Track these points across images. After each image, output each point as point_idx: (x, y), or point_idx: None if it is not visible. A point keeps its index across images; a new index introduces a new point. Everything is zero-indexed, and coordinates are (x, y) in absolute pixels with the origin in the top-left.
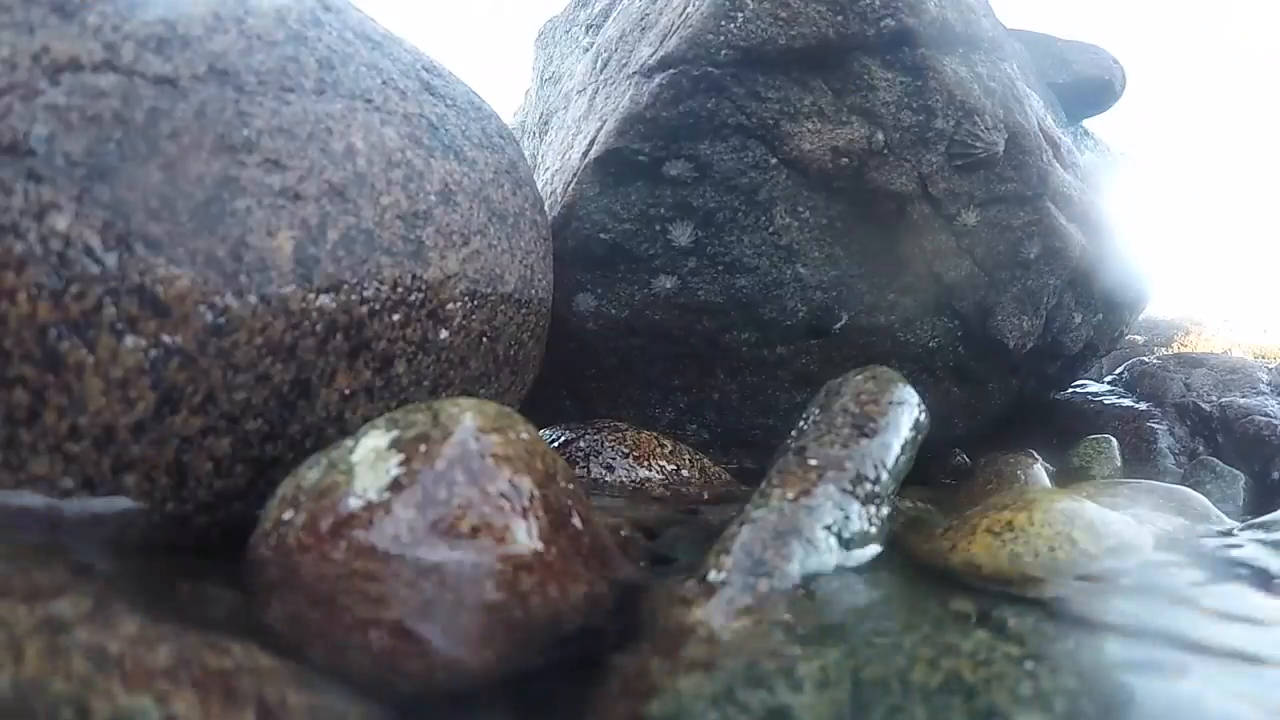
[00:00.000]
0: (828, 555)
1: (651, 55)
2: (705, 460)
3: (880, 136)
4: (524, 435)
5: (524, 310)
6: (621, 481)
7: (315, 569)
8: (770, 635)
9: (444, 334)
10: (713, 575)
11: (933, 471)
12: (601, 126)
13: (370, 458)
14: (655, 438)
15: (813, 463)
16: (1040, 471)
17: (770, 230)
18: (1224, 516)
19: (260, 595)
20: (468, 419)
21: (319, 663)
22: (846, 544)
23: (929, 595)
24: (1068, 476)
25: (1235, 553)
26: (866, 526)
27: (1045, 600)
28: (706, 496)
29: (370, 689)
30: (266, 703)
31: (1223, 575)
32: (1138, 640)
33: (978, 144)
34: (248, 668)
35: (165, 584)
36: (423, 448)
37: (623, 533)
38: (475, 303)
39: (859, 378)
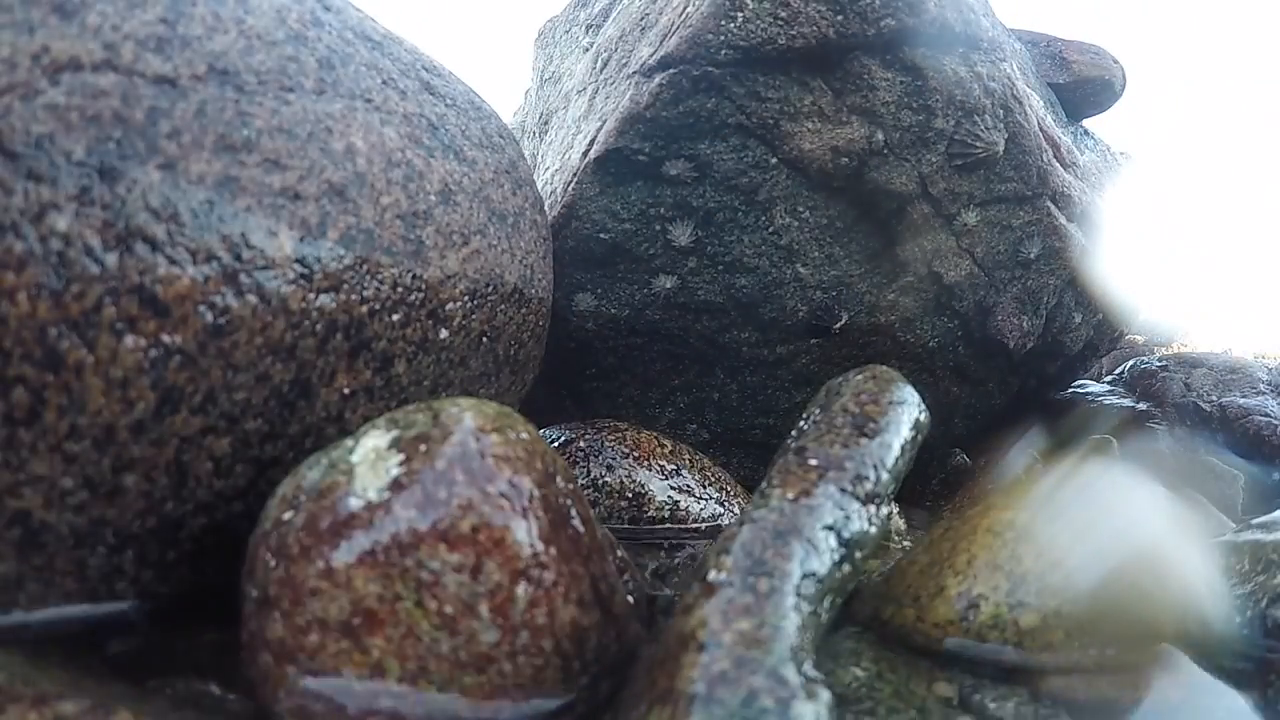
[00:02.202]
0: (827, 555)
1: (651, 55)
2: (705, 460)
3: (880, 136)
4: (524, 435)
5: (524, 310)
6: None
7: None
8: None
9: (444, 334)
10: (713, 575)
11: (932, 471)
12: (601, 126)
13: (370, 457)
14: (655, 437)
15: (813, 463)
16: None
17: (770, 230)
18: (1222, 517)
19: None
20: (468, 419)
21: None
22: (846, 544)
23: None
24: None
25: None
26: (866, 526)
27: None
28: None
29: None
30: None
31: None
32: None
33: (978, 144)
34: None
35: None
36: (423, 447)
37: (620, 552)
38: (475, 302)
39: (859, 377)
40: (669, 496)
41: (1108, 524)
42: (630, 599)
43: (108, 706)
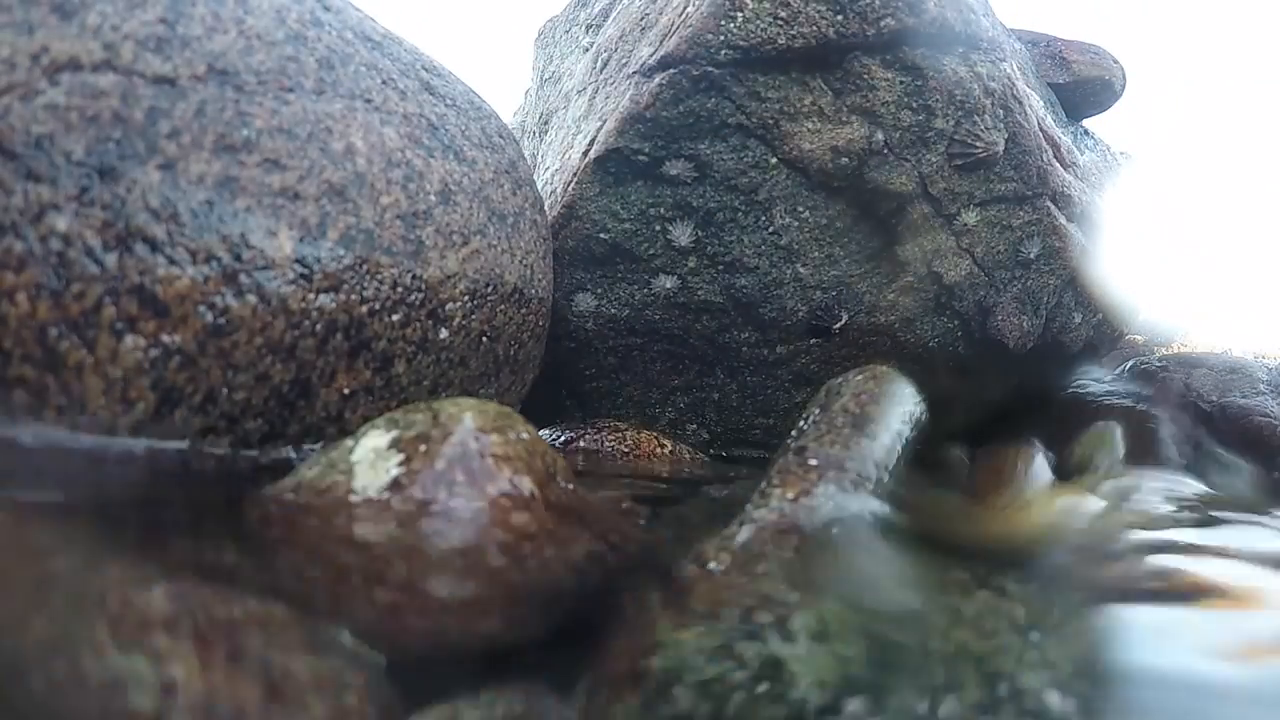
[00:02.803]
0: None
1: (651, 55)
2: (705, 460)
3: (880, 136)
4: (524, 435)
5: (524, 310)
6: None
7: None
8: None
9: (444, 334)
10: (713, 565)
11: (932, 461)
12: (601, 126)
13: (370, 457)
14: (655, 437)
15: (813, 463)
16: (1042, 462)
17: (770, 230)
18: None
19: (266, 550)
20: (467, 419)
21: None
22: None
23: (932, 560)
24: (1070, 467)
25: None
26: None
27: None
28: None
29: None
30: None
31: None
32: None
33: (978, 144)
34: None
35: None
36: (422, 447)
37: (624, 505)
38: (475, 302)
39: (859, 377)
40: None
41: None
42: None
43: (99, 563)
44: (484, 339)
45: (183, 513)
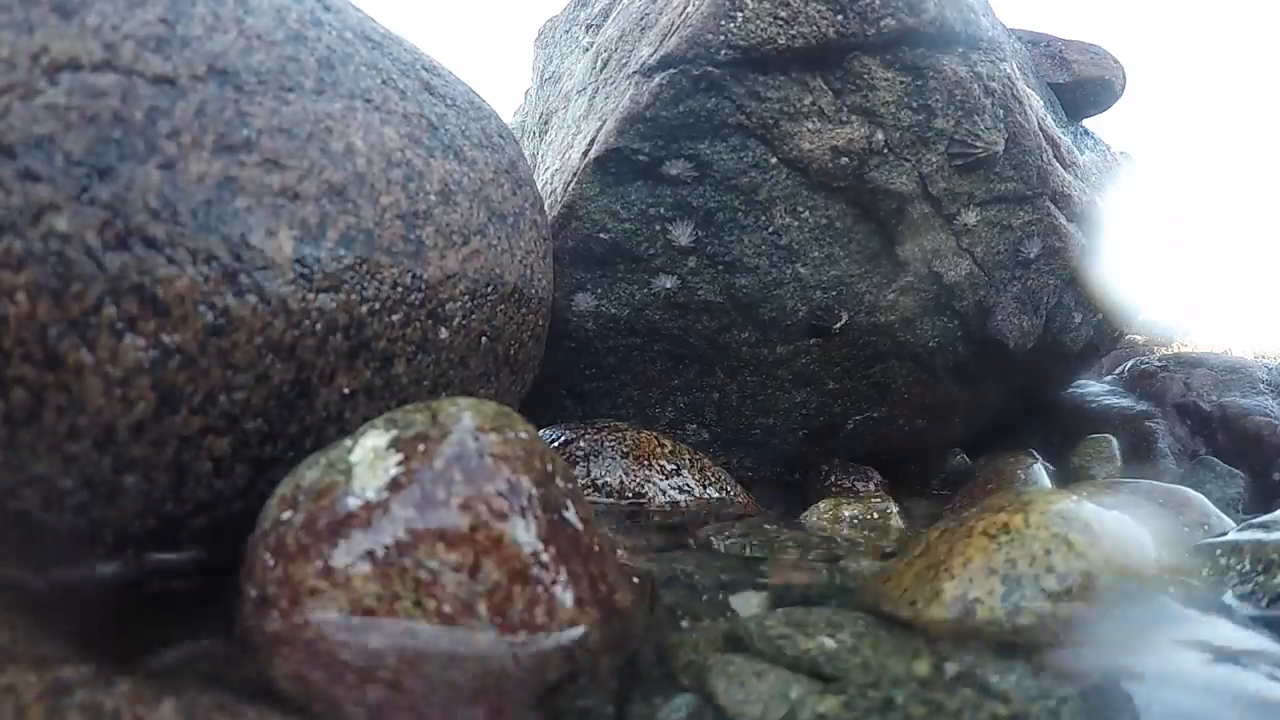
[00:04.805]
0: None
1: (652, 55)
2: (705, 460)
3: (880, 136)
4: (522, 434)
5: (524, 310)
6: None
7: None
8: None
9: (444, 334)
10: None
11: (932, 471)
12: (601, 126)
13: (369, 457)
14: (655, 437)
15: None
16: (1040, 471)
17: (770, 230)
18: (1223, 517)
19: (262, 654)
20: (466, 418)
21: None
22: None
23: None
24: (1067, 476)
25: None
26: None
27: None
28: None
29: None
30: None
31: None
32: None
33: (978, 144)
34: None
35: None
36: (421, 447)
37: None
38: (475, 302)
39: None
40: (669, 496)
41: (1102, 525)
42: (631, 596)
43: (108, 675)
44: (484, 339)
45: None
